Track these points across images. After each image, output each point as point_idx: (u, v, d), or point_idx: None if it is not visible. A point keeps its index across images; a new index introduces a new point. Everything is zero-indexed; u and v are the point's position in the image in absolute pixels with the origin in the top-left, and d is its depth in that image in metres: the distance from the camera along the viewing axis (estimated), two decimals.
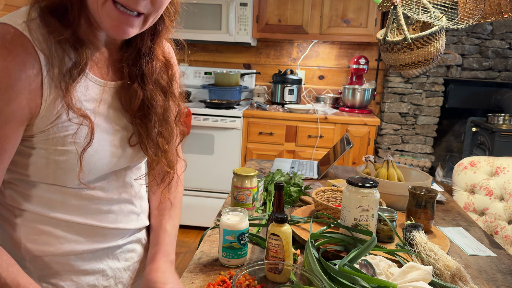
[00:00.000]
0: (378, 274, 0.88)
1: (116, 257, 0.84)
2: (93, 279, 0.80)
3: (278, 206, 1.04)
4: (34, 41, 0.62)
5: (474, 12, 1.17)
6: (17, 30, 0.62)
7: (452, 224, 1.36)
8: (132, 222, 0.85)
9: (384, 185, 1.37)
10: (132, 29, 0.66)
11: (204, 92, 3.56)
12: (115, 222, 0.81)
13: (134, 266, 0.89)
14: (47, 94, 0.64)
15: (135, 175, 0.87)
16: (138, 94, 0.75)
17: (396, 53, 1.35)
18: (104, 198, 0.78)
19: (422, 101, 3.39)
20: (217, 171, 3.11)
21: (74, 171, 0.69)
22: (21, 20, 0.63)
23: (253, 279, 0.85)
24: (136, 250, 0.89)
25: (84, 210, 0.76)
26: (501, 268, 1.07)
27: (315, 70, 3.62)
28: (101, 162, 0.73)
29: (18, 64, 0.60)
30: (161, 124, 0.79)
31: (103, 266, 0.82)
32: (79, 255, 0.78)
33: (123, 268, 0.86)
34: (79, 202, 0.75)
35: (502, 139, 3.01)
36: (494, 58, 3.29)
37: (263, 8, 3.21)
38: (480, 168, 1.94)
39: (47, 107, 0.65)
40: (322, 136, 3.02)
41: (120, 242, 0.84)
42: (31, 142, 0.67)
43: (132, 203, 0.85)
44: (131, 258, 0.87)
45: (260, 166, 1.95)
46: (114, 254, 0.83)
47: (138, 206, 0.88)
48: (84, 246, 0.77)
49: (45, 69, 0.63)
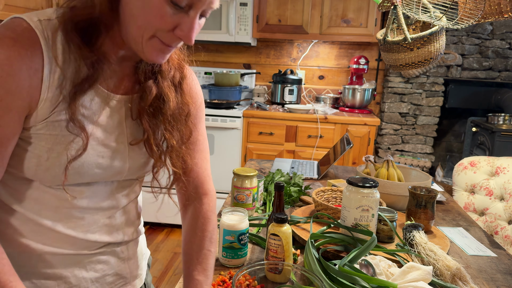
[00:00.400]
0: (378, 274, 0.88)
1: (84, 266, 0.80)
2: (54, 284, 0.77)
3: (278, 206, 1.04)
4: (41, 39, 0.64)
5: (474, 12, 1.17)
6: (29, 25, 0.64)
7: (452, 224, 1.36)
8: (105, 235, 0.81)
9: (384, 185, 1.37)
10: (168, 56, 0.72)
11: (204, 92, 3.56)
12: (85, 232, 0.78)
13: (105, 279, 0.84)
14: (45, 91, 0.65)
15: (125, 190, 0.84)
16: (152, 90, 0.76)
17: (396, 53, 1.35)
18: (79, 205, 0.76)
19: (422, 101, 3.39)
20: (217, 171, 3.11)
21: (53, 170, 0.69)
22: (37, 18, 0.65)
23: (253, 279, 0.85)
24: (110, 262, 0.84)
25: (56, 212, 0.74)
26: (501, 268, 1.07)
27: (315, 70, 3.62)
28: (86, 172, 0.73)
29: (21, 55, 0.62)
30: (171, 121, 0.79)
31: (67, 273, 0.78)
32: (43, 256, 0.76)
33: (90, 279, 0.82)
34: (53, 202, 0.74)
35: (502, 139, 3.01)
36: (494, 58, 3.29)
37: (263, 8, 3.21)
38: (480, 168, 1.94)
39: (44, 104, 0.66)
40: (322, 136, 3.02)
41: (88, 252, 0.80)
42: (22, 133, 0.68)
43: (111, 217, 0.82)
44: (101, 270, 0.83)
45: (260, 166, 1.95)
46: (82, 262, 0.80)
47: (119, 220, 0.84)
48: (49, 249, 0.75)
49: (46, 67, 0.65)
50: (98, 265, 0.82)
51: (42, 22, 0.65)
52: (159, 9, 0.63)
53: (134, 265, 0.90)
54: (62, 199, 0.74)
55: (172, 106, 0.78)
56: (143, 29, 0.65)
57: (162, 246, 2.97)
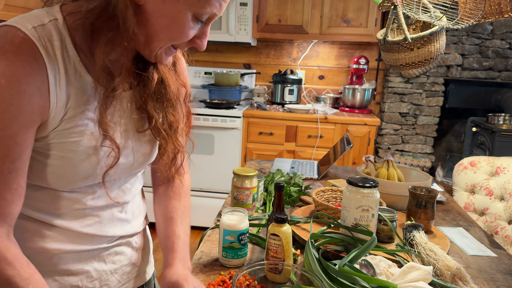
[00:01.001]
0: (378, 274, 0.88)
1: (103, 259, 0.82)
2: (76, 280, 0.79)
3: (278, 206, 1.04)
4: (41, 48, 0.63)
5: (474, 12, 1.17)
6: (26, 35, 0.62)
7: (452, 224, 1.36)
8: (119, 229, 0.84)
9: (384, 185, 1.37)
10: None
11: (204, 92, 3.56)
12: (101, 229, 0.80)
13: (122, 269, 0.87)
14: (54, 101, 0.65)
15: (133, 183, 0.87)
16: (154, 77, 0.77)
17: (396, 53, 1.35)
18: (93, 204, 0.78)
19: (422, 101, 3.39)
20: (217, 171, 3.11)
21: (67, 177, 0.70)
22: (30, 25, 0.63)
23: (253, 279, 0.85)
24: (126, 253, 0.87)
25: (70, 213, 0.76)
26: (501, 268, 1.06)
27: (315, 70, 3.62)
28: (119, 171, 0.77)
29: (26, 69, 0.61)
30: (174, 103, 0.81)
31: (88, 268, 0.80)
32: (62, 255, 0.77)
33: (110, 271, 0.84)
34: (67, 205, 0.75)
35: (502, 139, 3.01)
36: (494, 58, 3.29)
37: (263, 8, 3.21)
38: (480, 168, 1.94)
39: (54, 113, 0.66)
40: (322, 136, 3.02)
41: (106, 245, 0.82)
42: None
43: (123, 210, 0.84)
44: (119, 261, 0.86)
45: (260, 166, 1.95)
46: (100, 256, 0.82)
47: (130, 213, 0.86)
48: (68, 247, 0.77)
49: (51, 76, 0.64)
50: (116, 257, 0.85)
51: (37, 29, 0.63)
52: (184, 26, 0.66)
53: (145, 253, 0.94)
54: (76, 201, 0.75)
55: (173, 89, 0.81)
56: (164, 42, 0.69)
57: None
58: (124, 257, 0.87)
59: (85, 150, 0.70)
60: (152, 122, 0.78)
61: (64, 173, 0.70)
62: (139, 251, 0.91)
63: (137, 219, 0.89)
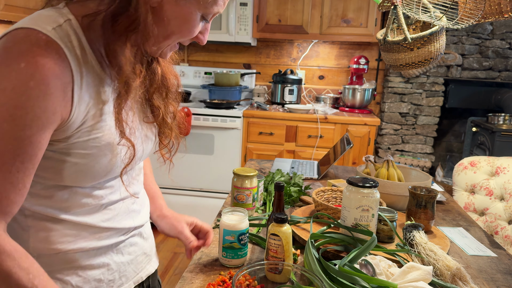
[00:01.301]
0: (378, 274, 0.88)
1: (120, 252, 0.86)
2: (98, 273, 0.82)
3: (278, 206, 1.04)
4: (65, 49, 0.63)
5: (474, 12, 1.17)
6: (48, 37, 0.62)
7: (452, 224, 1.36)
8: (131, 221, 0.87)
9: (384, 185, 1.37)
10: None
11: (204, 92, 3.56)
12: (118, 222, 0.83)
13: (137, 259, 0.91)
14: (76, 102, 0.66)
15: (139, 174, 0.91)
16: (157, 72, 0.82)
17: (396, 53, 1.35)
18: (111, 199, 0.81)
19: (422, 101, 3.39)
20: (217, 171, 3.11)
21: (92, 173, 0.73)
22: (50, 27, 0.63)
23: (253, 279, 0.85)
24: (138, 243, 0.91)
25: (91, 210, 0.78)
26: (501, 268, 1.06)
27: (315, 70, 3.62)
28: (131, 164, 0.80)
29: (55, 72, 0.62)
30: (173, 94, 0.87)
31: (108, 261, 0.84)
32: (85, 251, 0.80)
33: (127, 262, 0.88)
34: (87, 202, 0.77)
35: (502, 139, 3.01)
36: (494, 58, 3.29)
37: (263, 8, 3.21)
38: (480, 168, 1.94)
39: (76, 114, 0.67)
40: (322, 136, 3.02)
41: (122, 238, 0.86)
42: (53, 146, 0.69)
43: (134, 202, 0.88)
44: (134, 252, 0.90)
45: (260, 166, 1.95)
46: (118, 248, 0.86)
47: (140, 204, 0.90)
48: (90, 244, 0.79)
49: (76, 75, 0.65)
50: (131, 248, 0.89)
51: (57, 30, 0.64)
52: (194, 25, 0.72)
53: (152, 242, 0.99)
54: (95, 197, 0.78)
55: (172, 80, 0.87)
56: (173, 40, 0.73)
57: (162, 246, 2.97)
58: (137, 247, 0.91)
59: (105, 146, 0.72)
60: (159, 114, 0.83)
61: (89, 169, 0.72)
62: (147, 240, 0.95)
63: (144, 209, 0.93)
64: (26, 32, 0.62)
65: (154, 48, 0.73)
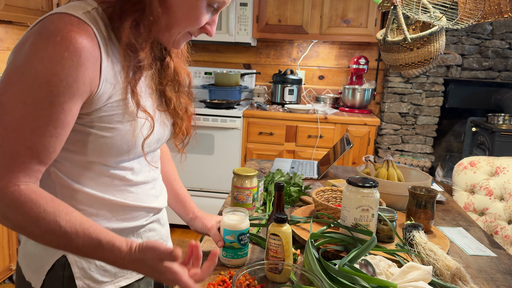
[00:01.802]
0: (378, 274, 0.88)
1: (140, 236, 0.90)
2: None
3: (278, 206, 1.04)
4: (95, 29, 0.71)
5: (474, 12, 1.18)
6: (80, 19, 0.70)
7: (452, 224, 1.36)
8: (153, 202, 0.91)
9: (384, 185, 1.37)
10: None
11: (204, 92, 3.57)
12: (141, 201, 0.87)
13: None
14: (104, 76, 0.73)
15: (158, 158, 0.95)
16: (170, 66, 0.89)
17: (396, 53, 1.35)
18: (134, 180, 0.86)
19: (422, 101, 3.39)
20: (217, 171, 3.11)
21: (116, 147, 0.78)
22: (81, 11, 0.71)
23: (253, 279, 0.85)
24: (156, 229, 0.95)
25: (115, 188, 0.83)
26: (501, 268, 1.07)
27: (315, 70, 3.62)
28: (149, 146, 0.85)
29: (87, 46, 0.69)
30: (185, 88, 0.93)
31: None
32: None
33: None
34: (111, 182, 0.82)
35: (502, 139, 3.01)
36: (494, 58, 3.29)
37: (263, 8, 3.21)
38: (480, 168, 1.94)
39: (103, 89, 0.73)
40: (322, 136, 3.02)
41: (143, 222, 0.90)
42: (81, 119, 0.74)
43: (153, 188, 0.92)
44: (152, 237, 0.93)
45: (260, 166, 1.95)
46: (138, 233, 0.89)
47: (158, 189, 0.95)
48: (113, 224, 0.83)
49: (103, 53, 0.72)
50: (150, 233, 0.93)
51: (86, 14, 0.72)
52: (201, 13, 0.77)
53: (167, 229, 1.03)
54: (119, 177, 0.83)
55: (184, 76, 0.92)
56: (183, 28, 0.78)
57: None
58: (155, 233, 0.95)
59: (128, 121, 0.78)
60: (171, 104, 0.89)
61: (113, 143, 0.77)
62: (164, 226, 1.00)
63: (162, 195, 0.97)
64: (61, 15, 0.70)
65: (166, 35, 0.78)
